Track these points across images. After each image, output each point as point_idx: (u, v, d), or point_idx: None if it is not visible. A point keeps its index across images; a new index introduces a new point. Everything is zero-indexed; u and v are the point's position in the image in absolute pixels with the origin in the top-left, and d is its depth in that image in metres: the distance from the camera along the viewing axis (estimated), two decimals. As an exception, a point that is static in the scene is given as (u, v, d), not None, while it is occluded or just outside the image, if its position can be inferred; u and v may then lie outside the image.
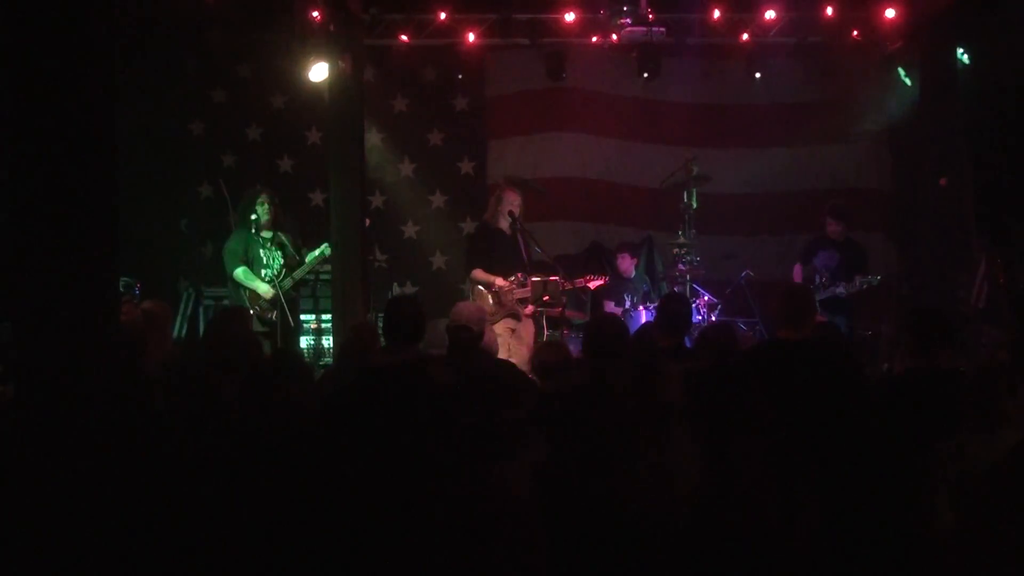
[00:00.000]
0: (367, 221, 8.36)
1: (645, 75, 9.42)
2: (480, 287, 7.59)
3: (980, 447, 3.34)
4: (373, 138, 9.70)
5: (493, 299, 7.52)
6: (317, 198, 9.94)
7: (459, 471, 2.93)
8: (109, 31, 4.06)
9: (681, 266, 8.81)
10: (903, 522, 3.60)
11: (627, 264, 9.10)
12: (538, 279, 7.68)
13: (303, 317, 8.48)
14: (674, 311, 5.46)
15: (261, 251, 7.56)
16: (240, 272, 7.51)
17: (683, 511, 3.07)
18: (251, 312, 7.28)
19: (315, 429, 3.59)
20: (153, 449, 3.52)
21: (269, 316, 7.43)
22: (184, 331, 8.80)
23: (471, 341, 5.11)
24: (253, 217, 7.45)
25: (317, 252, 7.66)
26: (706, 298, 8.71)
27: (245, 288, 7.49)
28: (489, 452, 3.05)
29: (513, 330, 7.52)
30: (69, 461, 3.44)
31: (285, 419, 3.52)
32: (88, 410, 3.65)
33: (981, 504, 2.89)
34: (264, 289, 7.46)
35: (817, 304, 8.16)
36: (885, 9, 8.81)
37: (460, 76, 9.89)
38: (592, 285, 8.14)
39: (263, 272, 7.56)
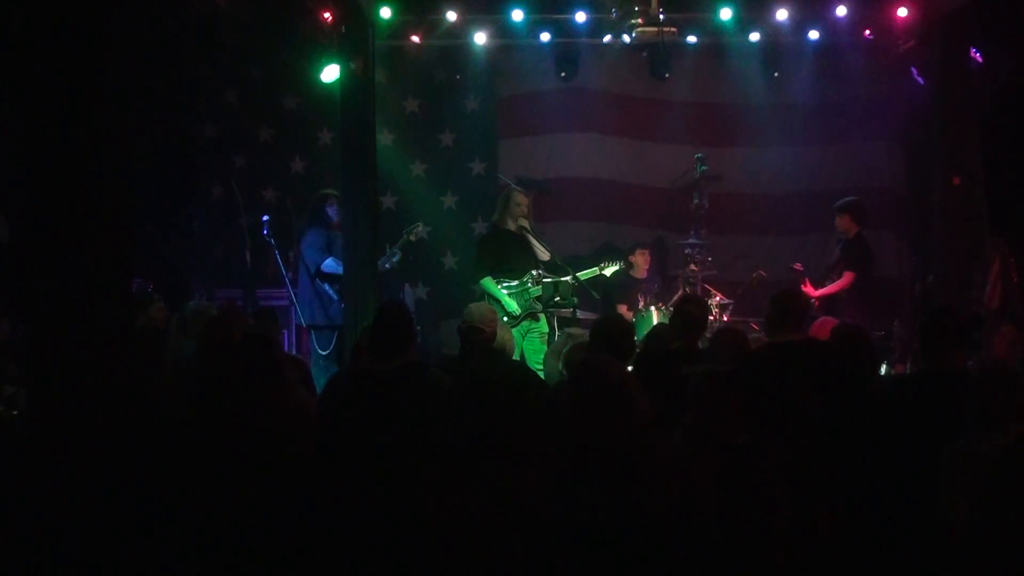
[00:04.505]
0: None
1: (666, 75, 9.39)
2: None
3: (990, 446, 3.34)
4: (385, 139, 9.71)
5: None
6: (329, 199, 9.94)
7: (458, 475, 2.94)
8: (120, 35, 4.08)
9: (693, 266, 8.80)
10: (917, 523, 3.59)
11: (646, 261, 9.09)
12: (549, 280, 7.69)
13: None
14: (690, 313, 5.46)
15: None
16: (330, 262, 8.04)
17: (695, 513, 3.08)
18: None
19: (312, 434, 3.61)
20: (161, 449, 3.54)
21: None
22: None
23: (483, 342, 5.11)
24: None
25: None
26: (718, 298, 8.69)
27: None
28: (492, 454, 3.06)
29: (529, 331, 7.53)
30: (80, 461, 3.46)
31: (283, 422, 3.55)
32: (100, 410, 3.67)
33: (989, 501, 2.89)
34: None
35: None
36: (898, 8, 8.77)
37: (459, 76, 9.89)
38: (607, 272, 8.13)
39: None
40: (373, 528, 3.05)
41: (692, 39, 9.37)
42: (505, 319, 6.95)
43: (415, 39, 9.26)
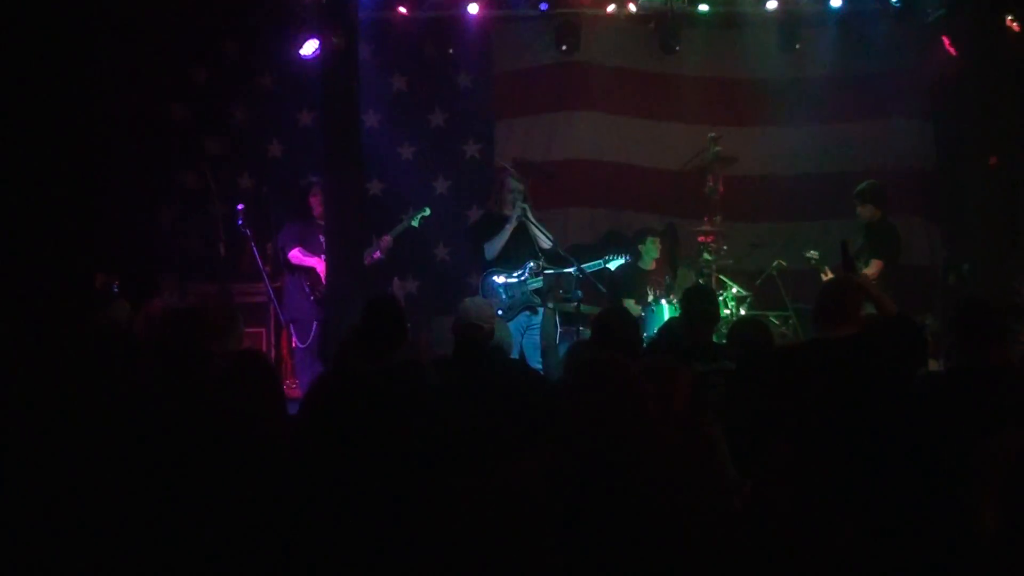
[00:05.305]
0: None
1: (676, 48, 9.38)
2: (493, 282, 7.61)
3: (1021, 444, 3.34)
4: (370, 120, 9.70)
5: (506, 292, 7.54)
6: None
7: (453, 481, 2.96)
8: (81, 11, 4.08)
9: (706, 256, 8.80)
10: (950, 531, 3.59)
11: (656, 250, 9.10)
12: (551, 272, 7.70)
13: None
14: (698, 307, 5.46)
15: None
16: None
17: (706, 516, 3.09)
18: None
19: (296, 437, 3.65)
20: (136, 448, 3.56)
21: None
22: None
23: (481, 340, 5.11)
24: None
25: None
26: (734, 290, 8.69)
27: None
28: (489, 459, 3.08)
29: (528, 327, 7.55)
30: (33, 463, 3.48)
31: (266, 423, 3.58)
32: (54, 415, 3.67)
33: (1017, 502, 2.90)
34: None
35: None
36: (927, -27, 8.78)
37: (451, 51, 9.88)
38: (612, 265, 8.15)
39: None
40: (363, 534, 3.08)
41: (704, 8, 9.36)
42: (500, 312, 6.96)
43: (402, 10, 9.24)
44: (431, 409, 4.19)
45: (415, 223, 8.67)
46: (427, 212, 8.73)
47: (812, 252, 8.62)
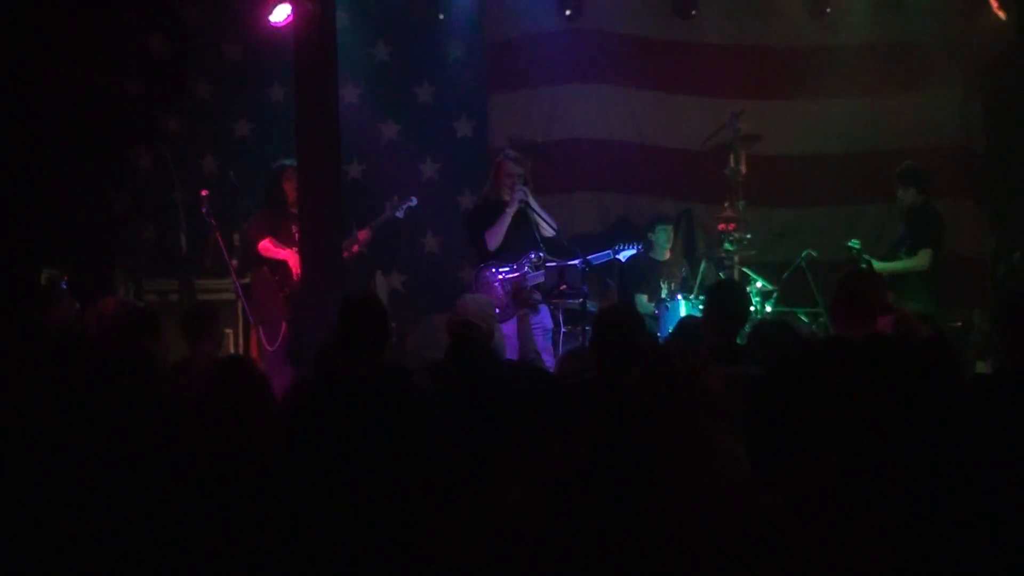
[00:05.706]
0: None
1: (692, 12, 9.38)
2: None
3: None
4: (349, 94, 9.70)
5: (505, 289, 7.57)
6: (282, 168, 9.94)
7: (445, 492, 2.99)
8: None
9: (727, 245, 8.81)
10: (995, 546, 3.61)
11: (670, 240, 9.11)
12: (553, 264, 7.70)
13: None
14: (727, 304, 5.47)
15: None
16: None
17: (724, 535, 3.11)
18: None
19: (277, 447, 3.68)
20: (82, 462, 3.58)
21: None
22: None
23: (480, 341, 5.12)
24: None
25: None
26: (759, 284, 8.70)
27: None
28: (483, 469, 3.11)
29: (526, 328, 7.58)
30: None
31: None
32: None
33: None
34: None
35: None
36: (974, -72, 8.79)
37: (441, 16, 9.88)
38: (622, 256, 8.16)
39: None
40: (344, 552, 3.11)
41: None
42: (498, 311, 6.97)
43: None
44: (419, 420, 4.21)
45: (400, 215, 8.66)
46: (413, 203, 8.71)
47: (853, 241, 8.59)
